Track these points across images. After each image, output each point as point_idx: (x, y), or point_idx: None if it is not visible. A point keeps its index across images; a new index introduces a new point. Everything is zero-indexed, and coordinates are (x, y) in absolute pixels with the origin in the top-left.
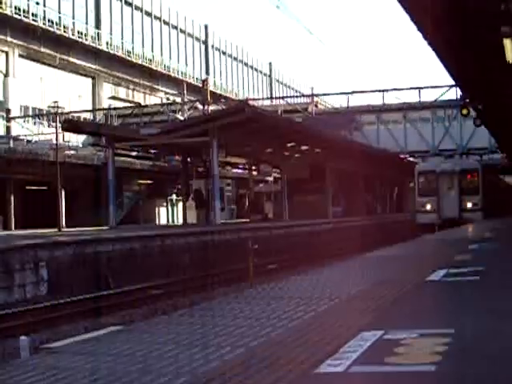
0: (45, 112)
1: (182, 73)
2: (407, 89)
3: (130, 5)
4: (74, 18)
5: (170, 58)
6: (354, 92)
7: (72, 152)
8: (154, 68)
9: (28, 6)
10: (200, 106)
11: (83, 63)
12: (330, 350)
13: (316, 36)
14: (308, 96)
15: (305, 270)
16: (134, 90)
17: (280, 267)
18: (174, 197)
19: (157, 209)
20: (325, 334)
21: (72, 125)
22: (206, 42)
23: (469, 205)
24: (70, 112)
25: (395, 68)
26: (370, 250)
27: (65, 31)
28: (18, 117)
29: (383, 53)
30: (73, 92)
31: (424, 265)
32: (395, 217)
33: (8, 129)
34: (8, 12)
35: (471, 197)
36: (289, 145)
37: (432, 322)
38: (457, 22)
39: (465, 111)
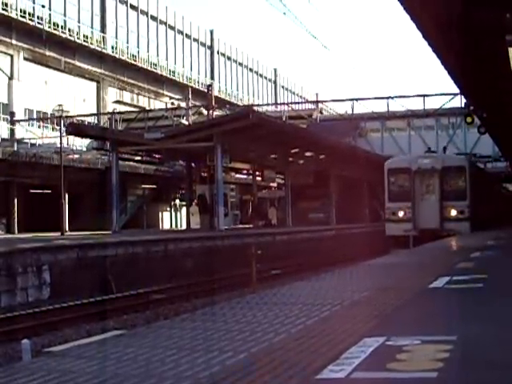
0: (49, 115)
1: (187, 78)
2: (412, 96)
3: (136, 9)
4: (79, 22)
5: (175, 62)
6: (358, 99)
7: (76, 156)
8: (159, 72)
9: (33, 9)
10: (205, 111)
11: (88, 67)
12: (332, 356)
13: (322, 43)
14: (313, 102)
15: (308, 276)
16: (138, 94)
17: (283, 273)
18: (177, 202)
19: (160, 214)
20: (327, 339)
21: (76, 128)
22: (211, 48)
23: (453, 213)
24: (75, 116)
25: (400, 75)
26: (373, 256)
27: (70, 35)
28: (23, 120)
29: (388, 60)
30: (77, 96)
31: (427, 272)
32: None
33: (12, 132)
34: (13, 15)
35: (456, 202)
36: (293, 151)
37: (434, 328)
38: (462, 30)
39: (469, 119)
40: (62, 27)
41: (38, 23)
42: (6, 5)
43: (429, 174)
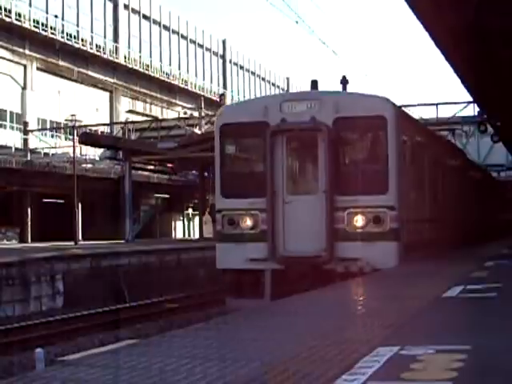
0: (62, 125)
1: (199, 87)
2: (424, 105)
3: (148, 19)
4: (92, 32)
5: (188, 72)
6: None
7: (89, 165)
8: (172, 82)
9: (47, 19)
10: None
11: (101, 77)
12: (345, 366)
13: (334, 50)
14: None
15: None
16: (151, 103)
17: None
18: (190, 211)
19: (173, 223)
20: (341, 349)
21: (89, 138)
22: (223, 57)
23: (359, 221)
24: (88, 125)
25: (413, 83)
26: None
27: (83, 45)
28: (36, 130)
29: (400, 67)
30: (90, 105)
31: (440, 281)
32: None
33: (25, 142)
34: (27, 25)
35: (366, 198)
36: None
37: (448, 338)
38: (475, 38)
39: (482, 127)
40: (74, 37)
41: (51, 33)
42: (20, 15)
43: (305, 135)
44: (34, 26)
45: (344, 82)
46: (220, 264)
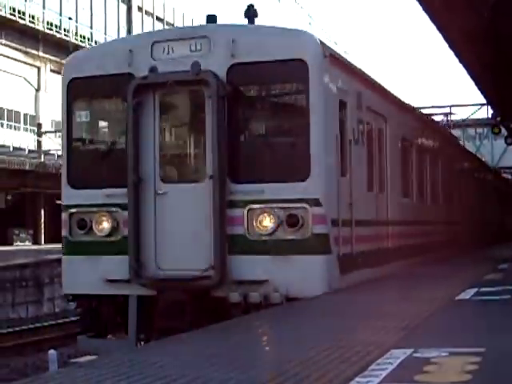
0: None
1: None
2: (438, 107)
3: (162, 21)
4: (105, 34)
5: None
6: None
7: None
8: None
9: (60, 21)
10: None
11: None
12: (359, 368)
13: (348, 51)
14: None
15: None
16: None
17: None
18: None
19: None
20: (354, 351)
21: None
22: None
23: (265, 223)
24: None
25: (426, 85)
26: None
27: None
28: (50, 131)
29: (414, 69)
30: None
31: (453, 283)
32: None
33: (39, 143)
34: (40, 27)
35: (278, 187)
36: None
37: (462, 340)
38: (490, 41)
39: (496, 130)
40: (88, 39)
41: (65, 35)
42: (33, 17)
43: (186, 92)
44: (48, 28)
45: (250, 14)
46: (67, 287)
